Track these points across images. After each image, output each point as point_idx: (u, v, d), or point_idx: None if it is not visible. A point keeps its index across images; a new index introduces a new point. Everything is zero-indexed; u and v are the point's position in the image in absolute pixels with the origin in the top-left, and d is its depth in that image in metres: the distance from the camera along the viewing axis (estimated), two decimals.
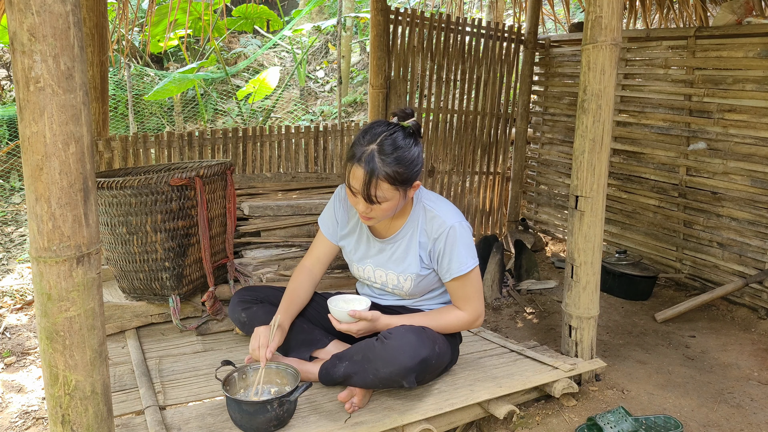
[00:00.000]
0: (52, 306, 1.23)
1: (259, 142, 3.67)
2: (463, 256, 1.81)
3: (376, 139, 1.70)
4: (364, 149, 1.69)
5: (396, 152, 1.69)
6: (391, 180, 1.68)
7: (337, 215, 2.01)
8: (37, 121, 1.15)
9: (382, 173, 1.66)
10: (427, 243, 1.85)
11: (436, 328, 1.85)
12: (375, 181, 1.67)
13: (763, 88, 3.03)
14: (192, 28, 7.19)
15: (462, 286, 1.85)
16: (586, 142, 2.09)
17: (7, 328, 3.06)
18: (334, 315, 1.80)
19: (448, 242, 1.81)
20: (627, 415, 1.89)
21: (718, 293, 3.05)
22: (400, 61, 3.97)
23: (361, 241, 1.97)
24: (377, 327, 1.81)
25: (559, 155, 4.41)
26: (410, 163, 1.72)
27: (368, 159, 1.67)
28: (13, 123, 6.41)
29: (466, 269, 1.81)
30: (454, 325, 1.88)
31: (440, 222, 1.82)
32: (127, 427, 1.67)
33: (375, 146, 1.69)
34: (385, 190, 1.69)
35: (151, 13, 4.15)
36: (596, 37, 2.02)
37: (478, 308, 1.87)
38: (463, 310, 1.87)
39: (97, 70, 3.10)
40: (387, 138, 1.71)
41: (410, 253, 1.87)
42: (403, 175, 1.70)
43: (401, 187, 1.72)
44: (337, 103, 6.43)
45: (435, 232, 1.82)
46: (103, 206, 2.21)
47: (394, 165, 1.68)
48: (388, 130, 1.73)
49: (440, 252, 1.83)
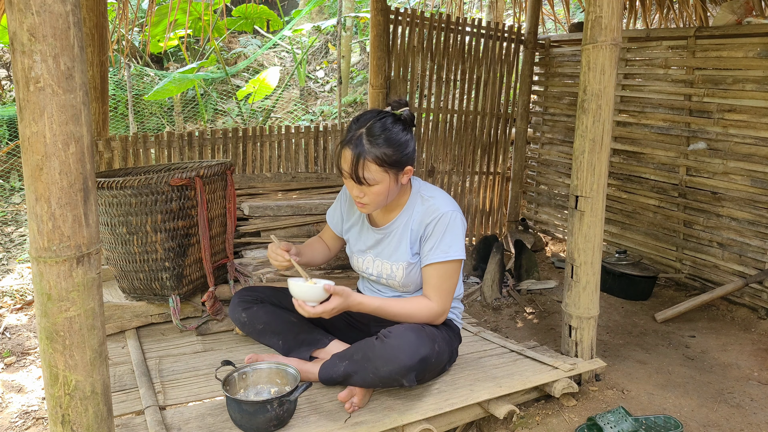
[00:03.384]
0: (52, 306, 1.23)
1: (259, 142, 3.67)
2: (447, 244, 1.81)
3: (365, 123, 1.76)
4: (353, 134, 1.75)
5: (383, 134, 1.74)
6: (379, 161, 1.73)
7: (342, 209, 2.09)
8: (37, 121, 1.15)
9: (370, 154, 1.72)
10: (419, 230, 1.86)
11: (401, 312, 1.81)
12: (362, 161, 1.72)
13: (763, 88, 3.03)
14: (192, 28, 7.19)
15: (438, 275, 1.83)
16: (586, 142, 2.09)
17: (7, 328, 3.06)
18: (300, 295, 1.68)
19: (437, 227, 1.82)
20: (627, 415, 1.89)
21: (718, 293, 3.05)
22: (400, 61, 3.97)
23: (362, 232, 2.00)
24: (350, 304, 1.73)
25: (559, 155, 4.41)
26: (398, 146, 1.75)
27: (357, 141, 1.73)
28: (13, 123, 6.40)
29: (446, 257, 1.80)
30: (420, 313, 1.83)
31: (435, 208, 1.84)
32: (127, 427, 1.67)
33: (364, 129, 1.75)
34: (373, 171, 1.73)
35: (151, 13, 4.15)
36: (596, 37, 2.02)
37: (446, 303, 1.86)
38: (432, 300, 1.84)
39: (97, 70, 3.10)
40: (376, 122, 1.76)
41: (403, 242, 1.88)
42: (391, 157, 1.74)
43: (390, 169, 1.75)
44: (337, 103, 6.43)
45: (428, 217, 1.84)
46: (103, 206, 2.21)
47: (381, 147, 1.72)
48: (378, 116, 1.79)
49: (428, 235, 1.83)
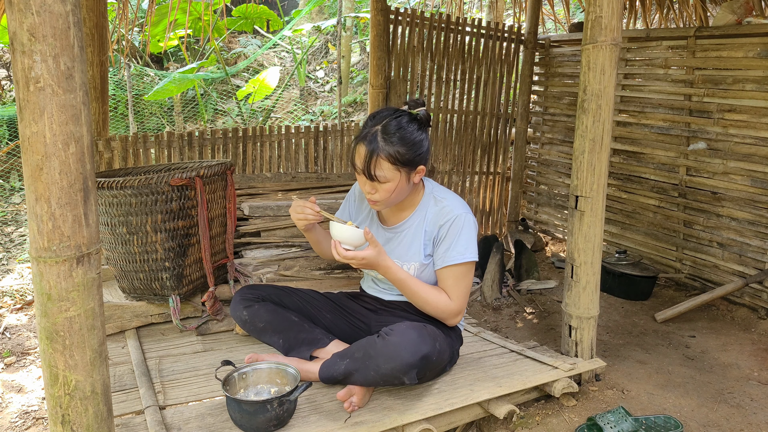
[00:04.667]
0: (52, 306, 1.23)
1: (259, 142, 3.67)
2: (463, 246, 1.82)
3: (381, 121, 1.78)
4: (368, 130, 1.77)
5: (398, 132, 1.75)
6: (392, 159, 1.74)
7: (350, 207, 2.11)
8: (37, 121, 1.15)
9: (383, 152, 1.73)
10: (433, 231, 1.87)
11: (422, 294, 1.82)
12: (375, 158, 1.73)
13: (763, 88, 3.03)
14: (192, 28, 7.19)
15: (455, 276, 1.84)
16: (586, 142, 2.09)
17: (7, 328, 3.06)
18: (338, 236, 1.70)
19: (452, 229, 1.83)
20: (627, 415, 1.89)
21: (718, 293, 3.05)
22: (400, 61, 3.97)
23: (371, 230, 2.00)
24: (379, 261, 1.76)
25: (559, 155, 4.41)
26: (412, 145, 1.77)
27: (371, 138, 1.75)
28: (13, 123, 6.40)
29: (462, 259, 1.81)
30: (438, 304, 1.84)
31: (448, 210, 1.85)
32: (127, 427, 1.67)
33: (379, 127, 1.76)
34: (385, 169, 1.74)
35: (151, 13, 4.15)
36: (596, 37, 2.02)
37: (463, 304, 1.87)
38: (451, 299, 1.86)
39: (97, 70, 3.10)
40: (392, 120, 1.78)
41: (415, 242, 1.89)
42: (404, 156, 1.75)
43: (403, 168, 1.77)
44: (337, 103, 6.43)
45: (441, 219, 1.85)
46: (104, 206, 2.21)
47: (395, 145, 1.74)
48: (394, 114, 1.81)
49: (442, 237, 1.84)
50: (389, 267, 1.79)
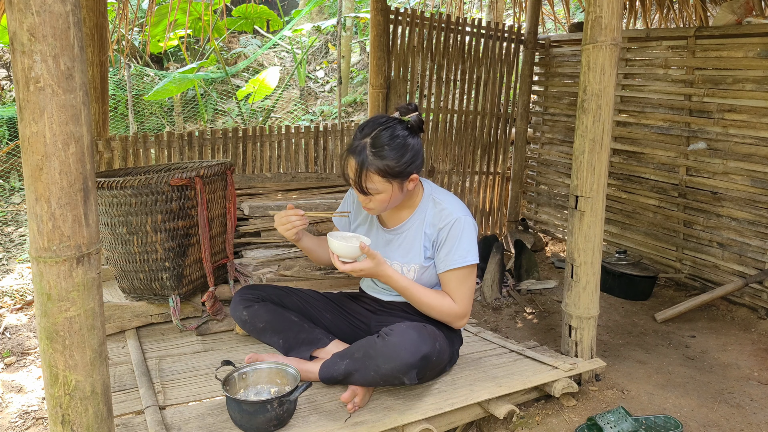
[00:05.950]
0: (52, 306, 1.23)
1: (259, 142, 3.67)
2: (464, 249, 1.82)
3: (371, 132, 1.75)
4: (359, 142, 1.74)
5: (388, 145, 1.72)
6: (382, 173, 1.72)
7: (350, 208, 2.10)
8: (37, 121, 1.15)
9: (372, 166, 1.71)
10: (433, 233, 1.87)
11: (426, 300, 1.82)
12: (365, 173, 1.72)
13: (763, 88, 3.03)
14: (192, 28, 7.19)
15: (457, 279, 1.84)
16: (586, 142, 2.09)
17: (7, 328, 3.06)
18: (335, 250, 1.70)
19: (452, 233, 1.82)
20: (627, 415, 1.89)
21: (718, 293, 3.05)
22: (400, 61, 3.97)
23: (371, 232, 2.00)
24: (379, 272, 1.76)
25: (559, 155, 4.41)
26: (401, 157, 1.74)
27: (360, 151, 1.72)
28: (13, 123, 6.40)
29: (464, 262, 1.81)
30: (442, 308, 1.84)
31: (447, 213, 1.84)
32: (127, 427, 1.67)
33: (369, 140, 1.74)
34: (376, 182, 1.73)
35: (151, 13, 4.15)
36: (596, 37, 2.02)
37: (467, 307, 1.87)
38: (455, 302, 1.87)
39: (97, 70, 3.10)
40: (382, 131, 1.75)
41: (415, 244, 1.88)
42: (394, 169, 1.73)
43: (394, 180, 1.75)
44: (337, 103, 6.43)
45: (441, 222, 1.84)
46: (103, 206, 2.21)
47: (384, 159, 1.72)
48: (384, 124, 1.77)
49: (443, 241, 1.84)
50: (390, 276, 1.79)
